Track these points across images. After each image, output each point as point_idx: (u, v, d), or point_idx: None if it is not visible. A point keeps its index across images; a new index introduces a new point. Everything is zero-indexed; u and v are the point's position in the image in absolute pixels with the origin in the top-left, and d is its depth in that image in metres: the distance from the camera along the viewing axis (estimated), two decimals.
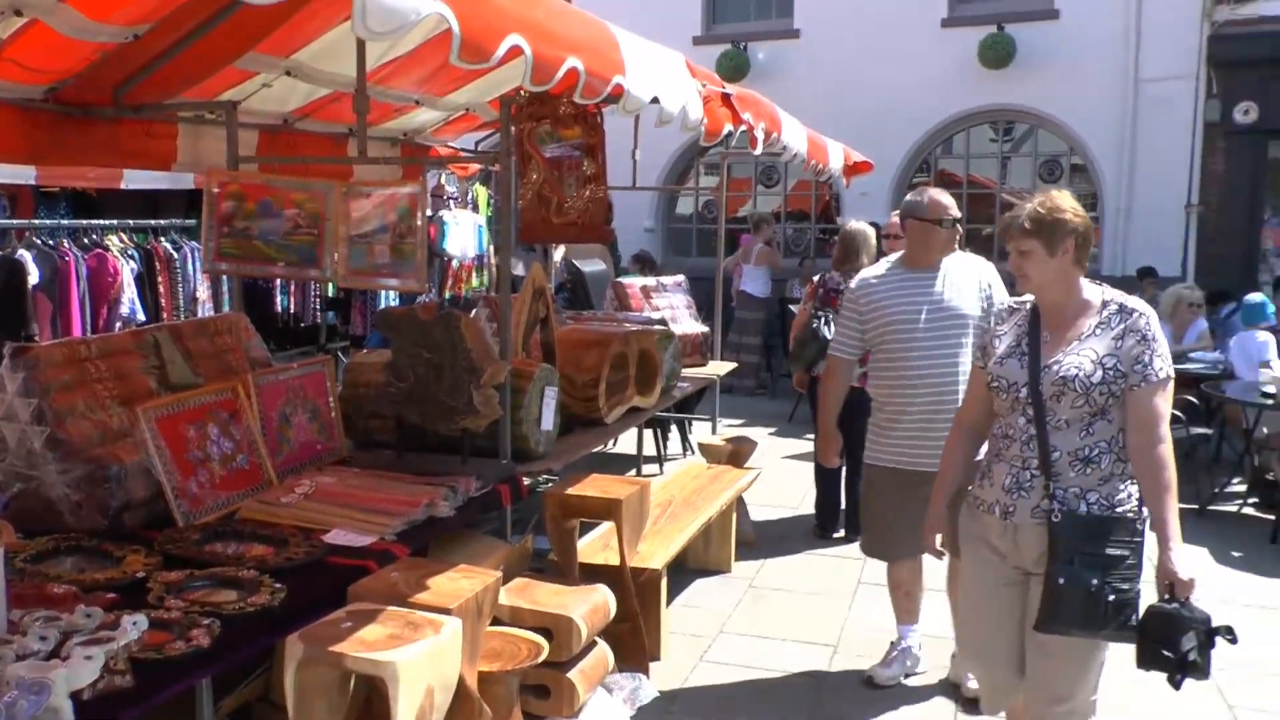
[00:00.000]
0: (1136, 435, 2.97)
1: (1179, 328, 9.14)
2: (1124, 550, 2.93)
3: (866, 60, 13.44)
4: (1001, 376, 3.11)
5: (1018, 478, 3.07)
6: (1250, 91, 12.32)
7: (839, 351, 4.47)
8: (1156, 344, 2.98)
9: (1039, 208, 3.04)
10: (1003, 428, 3.15)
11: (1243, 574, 6.15)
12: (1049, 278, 3.04)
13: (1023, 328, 3.15)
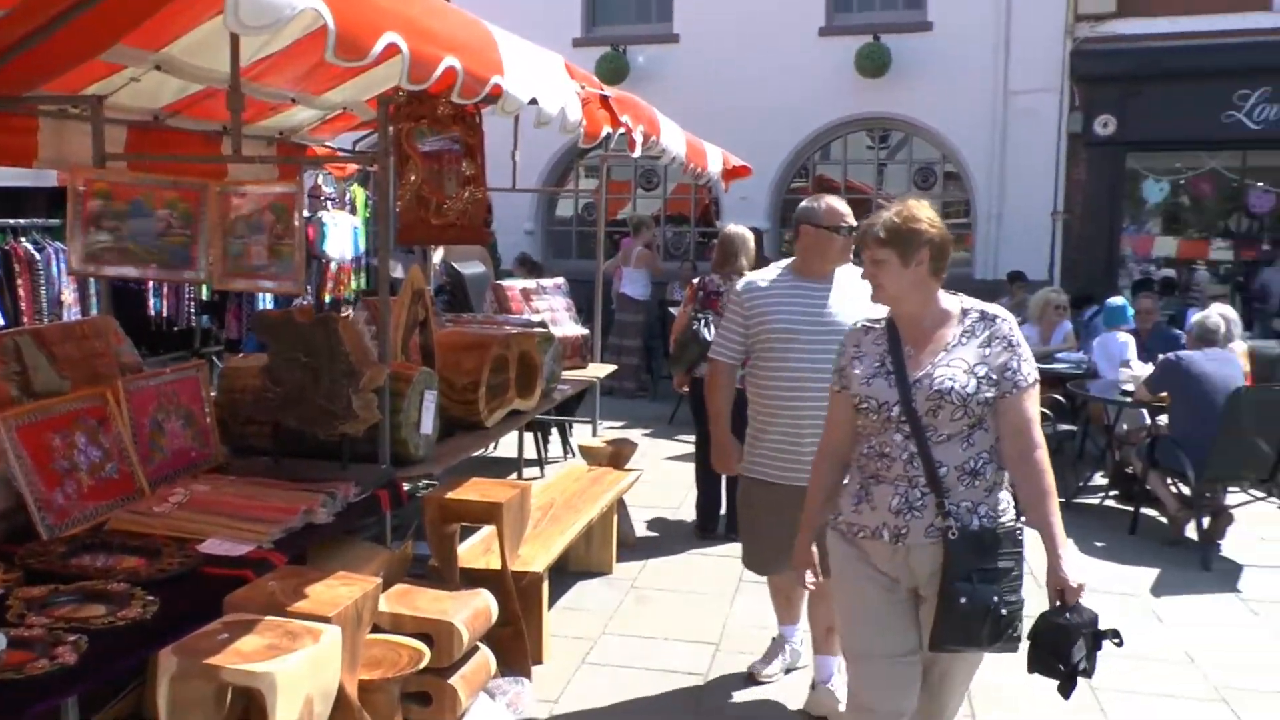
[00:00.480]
0: (1012, 442, 2.91)
1: (1046, 329, 9.48)
2: (1011, 562, 2.88)
3: (746, 66, 13.64)
4: (870, 397, 2.96)
5: (907, 498, 2.92)
6: (1109, 105, 12.88)
7: (720, 355, 4.29)
8: (1021, 349, 2.95)
9: (894, 217, 2.95)
10: (877, 447, 2.99)
11: (1105, 563, 6.41)
12: (904, 288, 2.95)
13: (882, 345, 3.02)
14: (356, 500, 3.85)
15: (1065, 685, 2.84)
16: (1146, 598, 5.85)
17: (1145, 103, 12.72)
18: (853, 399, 3.01)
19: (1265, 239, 13.82)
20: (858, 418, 3.02)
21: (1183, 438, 6.66)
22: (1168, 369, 6.81)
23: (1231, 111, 12.68)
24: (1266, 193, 13.52)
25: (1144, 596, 5.87)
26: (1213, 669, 4.89)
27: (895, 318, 3.03)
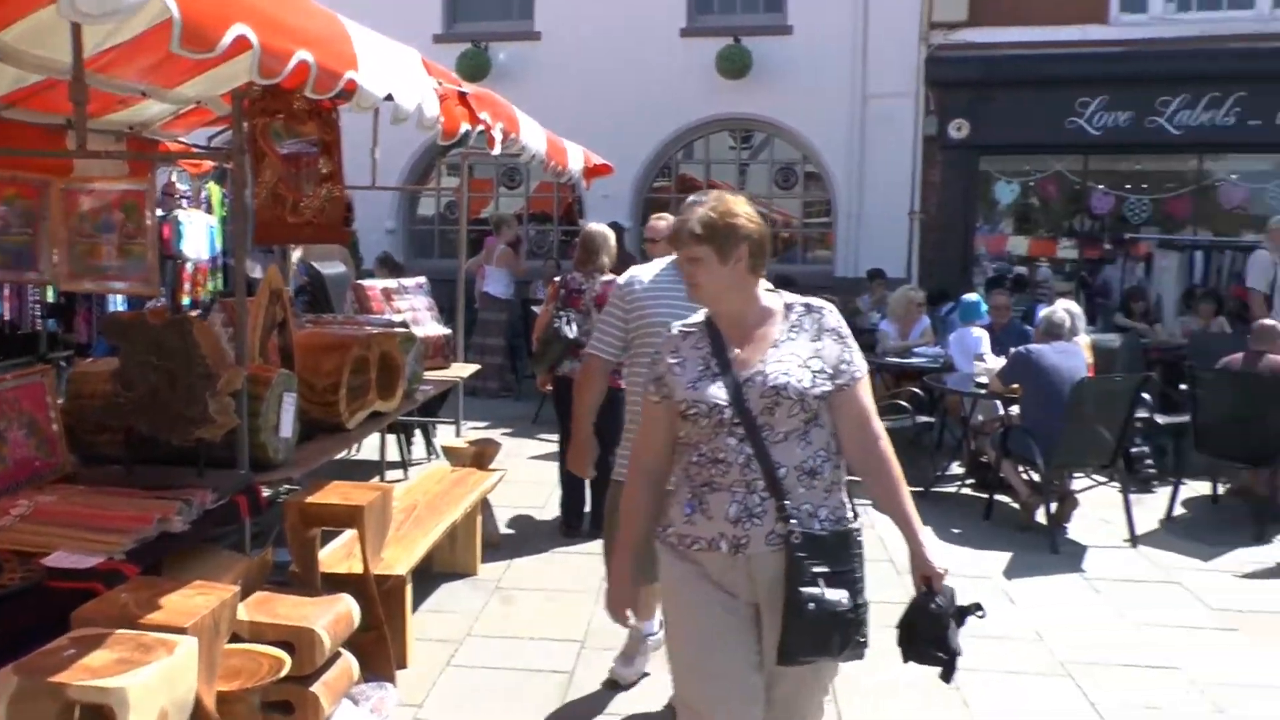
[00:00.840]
0: (856, 435, 2.81)
1: (905, 325, 9.78)
2: (854, 563, 2.75)
3: (608, 65, 13.66)
4: (699, 401, 2.76)
5: (746, 504, 2.73)
6: (962, 110, 13.34)
7: (597, 349, 4.19)
8: (849, 340, 2.86)
9: (710, 212, 2.80)
10: (708, 454, 2.77)
11: (961, 548, 6.64)
12: (722, 287, 2.80)
13: (704, 348, 2.85)
14: (214, 507, 3.74)
15: (947, 671, 2.78)
16: (999, 580, 6.09)
17: (996, 108, 13.20)
18: (679, 406, 2.80)
19: (1106, 238, 14.50)
20: (683, 426, 2.82)
21: (1033, 427, 6.94)
22: (1018, 361, 7.08)
23: (1074, 118, 13.25)
24: (1106, 194, 14.18)
25: (997, 579, 6.11)
26: (1059, 645, 5.12)
27: (715, 318, 2.88)
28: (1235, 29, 13.04)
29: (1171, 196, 14.29)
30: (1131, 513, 6.99)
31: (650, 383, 2.92)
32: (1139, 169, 14.52)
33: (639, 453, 2.98)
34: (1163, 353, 10.62)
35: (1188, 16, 13.22)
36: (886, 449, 2.84)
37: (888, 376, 9.59)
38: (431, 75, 4.35)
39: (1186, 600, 5.85)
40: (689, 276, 2.85)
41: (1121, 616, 5.58)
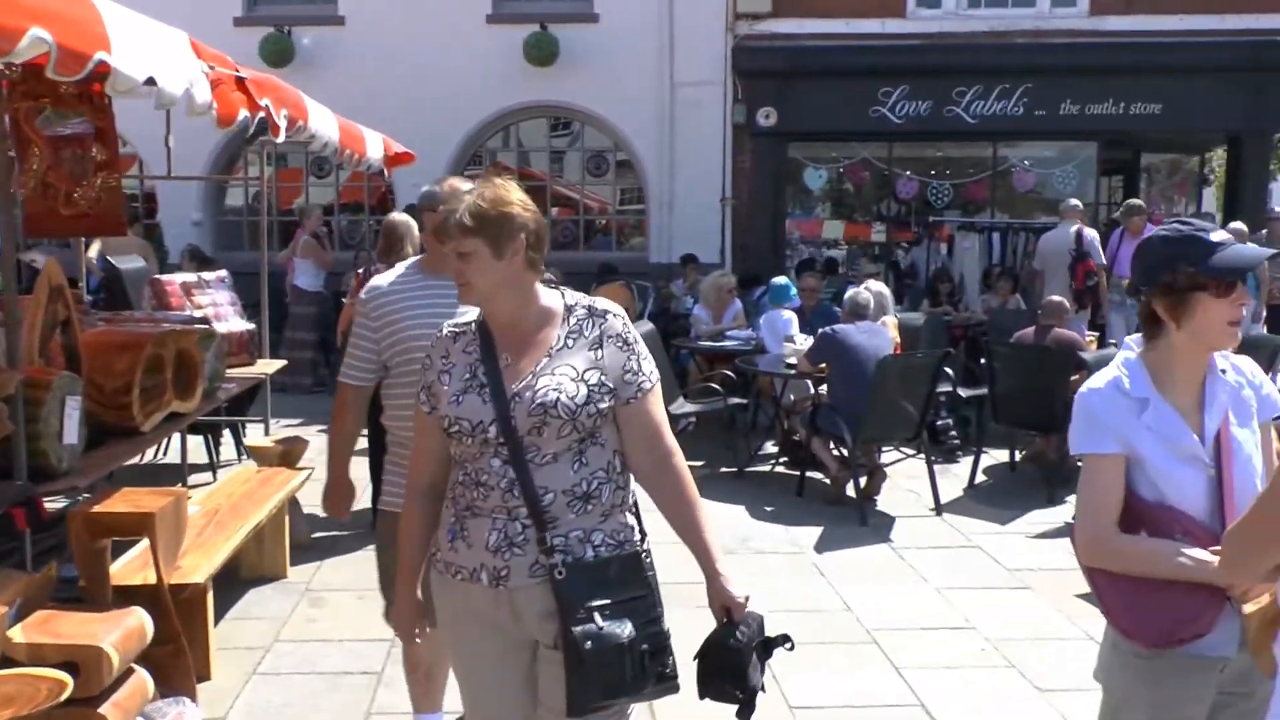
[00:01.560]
0: (645, 453, 2.53)
1: (718, 310, 9.93)
2: (642, 589, 2.45)
3: (414, 51, 13.40)
4: (462, 418, 2.45)
5: (506, 532, 2.43)
6: (770, 98, 13.63)
7: (349, 377, 3.58)
8: (638, 345, 2.54)
9: (480, 200, 2.46)
10: (472, 475, 2.47)
11: (774, 525, 6.80)
12: (497, 284, 2.47)
13: (473, 354, 2.53)
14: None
15: (744, 710, 2.48)
16: (810, 554, 6.25)
17: (802, 97, 13.54)
18: (442, 422, 2.49)
19: (913, 222, 15.09)
20: (451, 443, 2.52)
21: (839, 404, 7.15)
22: (824, 341, 7.28)
23: (877, 107, 13.71)
24: (911, 180, 14.75)
25: (808, 553, 6.27)
26: (866, 614, 5.29)
27: (488, 320, 2.56)
28: (1020, 25, 13.75)
29: (971, 181, 14.99)
30: (936, 483, 7.29)
31: (421, 390, 2.61)
32: (940, 155, 15.18)
33: (415, 470, 2.68)
34: (965, 329, 11.12)
35: (978, 12, 13.86)
36: (679, 466, 2.55)
37: (701, 360, 9.74)
38: (202, 58, 4.10)
39: (985, 563, 6.13)
40: (458, 274, 2.50)
41: (925, 582, 5.81)
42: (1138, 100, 13.75)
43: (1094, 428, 2.40)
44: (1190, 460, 2.35)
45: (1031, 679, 4.61)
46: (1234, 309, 2.32)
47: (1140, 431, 2.35)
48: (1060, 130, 14.10)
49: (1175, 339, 2.37)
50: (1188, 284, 2.30)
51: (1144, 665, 2.38)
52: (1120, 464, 2.36)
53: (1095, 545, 2.38)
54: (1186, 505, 2.34)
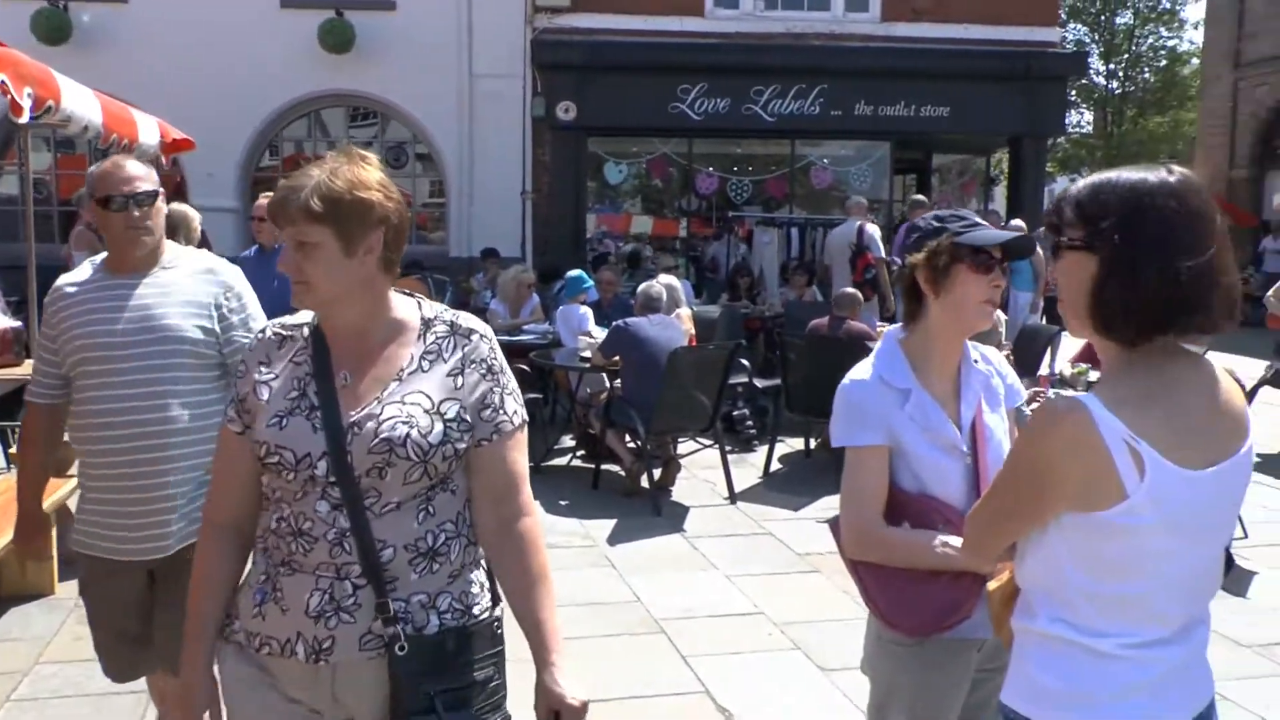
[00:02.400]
0: (495, 509, 2.07)
1: (516, 304, 9.80)
2: (489, 669, 2.05)
3: (203, 34, 12.80)
4: (284, 446, 1.97)
5: (333, 594, 1.96)
6: (569, 92, 13.61)
7: (33, 394, 3.05)
8: (506, 377, 2.10)
9: (333, 179, 1.96)
10: (292, 520, 1.99)
11: (568, 519, 6.71)
12: (343, 287, 1.99)
13: (304, 367, 2.05)
14: None
15: None
16: (603, 547, 6.19)
17: (602, 91, 13.56)
18: (258, 448, 2.01)
19: (713, 217, 15.32)
20: (265, 474, 2.05)
21: (633, 397, 7.12)
22: (617, 334, 7.25)
23: (676, 103, 13.87)
24: (710, 176, 14.96)
25: (601, 546, 6.21)
26: (656, 604, 5.26)
27: (327, 329, 2.08)
28: (816, 28, 14.15)
29: (770, 178, 15.33)
30: (730, 472, 7.35)
31: (231, 405, 2.11)
32: (740, 152, 15.47)
33: (214, 502, 2.17)
34: (763, 322, 11.32)
35: (775, 14, 14.19)
36: (532, 530, 2.09)
37: None
38: None
39: (775, 549, 6.20)
40: (296, 270, 1.98)
41: (715, 570, 5.83)
42: (927, 103, 14.34)
43: (857, 419, 2.37)
44: (949, 449, 2.38)
45: (816, 660, 4.67)
46: (990, 289, 2.36)
47: (903, 422, 2.35)
48: (855, 130, 14.58)
49: (933, 318, 2.39)
50: (949, 254, 2.34)
51: (907, 653, 2.40)
52: (884, 455, 2.36)
53: (860, 537, 2.37)
54: (947, 495, 2.36)
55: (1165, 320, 1.67)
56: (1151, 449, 1.64)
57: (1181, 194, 1.68)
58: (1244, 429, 1.78)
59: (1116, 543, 1.68)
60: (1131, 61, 33.55)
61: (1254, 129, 21.93)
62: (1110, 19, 33.26)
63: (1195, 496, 1.68)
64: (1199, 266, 1.64)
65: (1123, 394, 1.68)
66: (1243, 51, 22.33)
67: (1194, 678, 1.82)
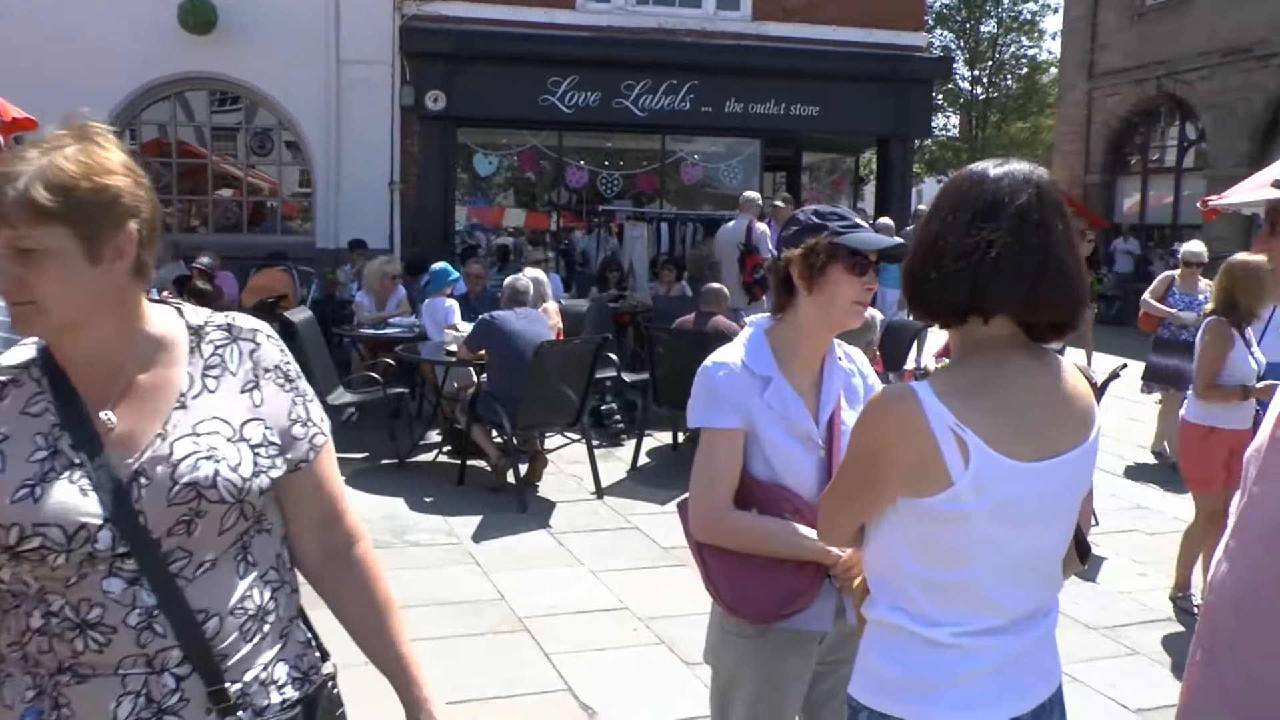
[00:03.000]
0: (321, 539, 1.75)
1: (381, 296, 9.61)
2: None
3: (54, 9, 12.13)
4: (43, 524, 1.48)
5: (149, 695, 1.53)
6: (439, 81, 13.37)
7: None
8: (303, 382, 1.74)
9: (62, 164, 1.51)
10: (70, 613, 1.52)
11: (433, 516, 6.58)
12: (88, 305, 1.55)
13: (45, 417, 1.56)
14: None
15: None
16: (468, 544, 6.09)
17: (472, 81, 13.36)
18: (3, 535, 1.49)
19: (584, 210, 15.26)
20: (11, 566, 1.53)
21: (498, 391, 7.02)
22: (483, 328, 7.14)
23: (547, 96, 13.75)
24: (581, 169, 14.89)
25: (466, 543, 6.10)
26: (520, 602, 5.19)
27: (66, 361, 1.60)
28: (687, 24, 14.21)
29: (641, 173, 15.34)
30: (597, 466, 7.31)
31: None
32: (611, 147, 15.45)
33: None
34: (632, 316, 11.30)
35: (646, 9, 14.19)
36: (369, 556, 1.80)
37: (364, 349, 9.42)
38: None
39: (642, 543, 6.19)
40: (12, 291, 1.52)
41: (581, 565, 5.78)
42: (797, 102, 14.53)
43: (716, 402, 2.36)
44: (804, 440, 2.38)
45: (680, 654, 4.66)
46: (863, 290, 2.37)
47: (761, 409, 2.35)
48: (726, 127, 14.68)
49: (804, 312, 2.38)
50: (826, 252, 2.33)
51: (749, 644, 2.40)
52: (739, 440, 2.35)
53: (709, 521, 2.36)
54: (797, 484, 2.37)
55: (968, 302, 1.71)
56: (977, 438, 1.66)
57: (984, 178, 1.75)
58: (1087, 424, 1.80)
59: (945, 529, 1.71)
60: (995, 68, 34.72)
61: (1106, 137, 22.86)
62: (975, 27, 34.35)
63: (1026, 487, 1.70)
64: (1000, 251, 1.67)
65: (956, 384, 1.71)
66: (1096, 63, 23.25)
67: (1036, 666, 1.84)
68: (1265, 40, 19.05)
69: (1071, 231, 1.75)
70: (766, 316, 2.49)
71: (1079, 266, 1.75)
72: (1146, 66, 21.57)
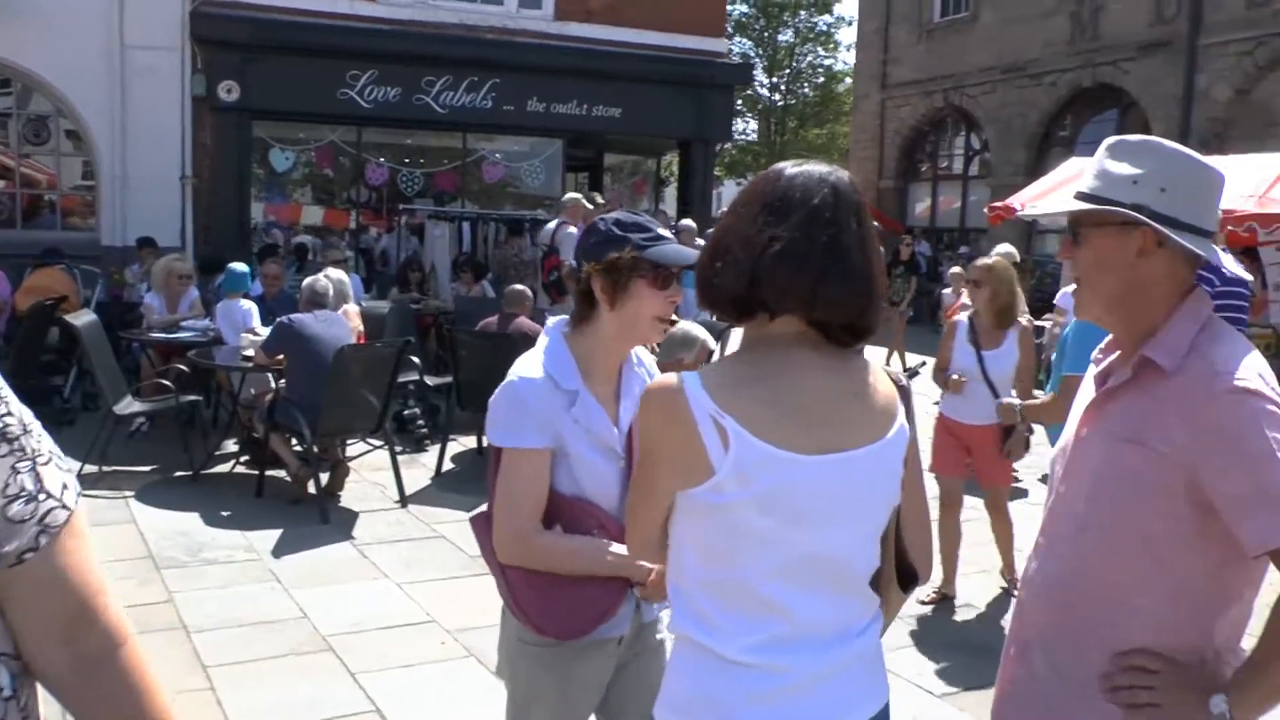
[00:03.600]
0: (68, 645, 1.28)
1: (172, 298, 9.17)
2: None
3: None
4: None
5: None
6: (232, 71, 12.86)
7: None
8: (31, 436, 1.27)
9: None
10: None
11: (230, 531, 6.32)
12: None
13: None
14: None
15: None
16: (268, 560, 5.87)
17: (268, 72, 12.92)
18: None
19: (384, 209, 14.96)
20: None
21: (297, 397, 6.82)
22: (280, 331, 6.92)
23: (346, 90, 13.42)
24: (381, 167, 14.59)
25: (265, 559, 5.89)
26: (322, 620, 5.05)
27: None
28: (489, 21, 14.11)
29: (442, 171, 15.14)
30: (400, 474, 7.19)
31: None
32: (411, 143, 15.19)
33: None
34: (435, 318, 11.15)
35: (447, 4, 14.03)
36: (132, 662, 1.34)
37: (155, 354, 8.96)
38: None
39: (448, 553, 6.12)
40: None
41: (386, 578, 5.67)
42: (599, 103, 14.65)
43: (522, 421, 2.26)
44: (608, 453, 2.34)
45: (491, 666, 4.62)
46: (666, 305, 2.33)
47: (569, 425, 2.28)
48: (527, 126, 14.67)
49: (605, 325, 2.33)
50: (629, 267, 2.27)
51: (549, 654, 2.37)
52: (546, 460, 2.28)
53: (518, 544, 2.29)
54: (602, 498, 2.33)
55: (747, 295, 1.70)
56: (738, 425, 1.63)
57: (779, 175, 1.77)
58: (883, 423, 1.77)
59: (714, 521, 1.69)
60: (793, 76, 35.82)
61: (898, 145, 24.08)
62: (773, 36, 35.33)
63: (799, 479, 1.66)
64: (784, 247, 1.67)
65: (725, 376, 1.71)
66: (888, 75, 24.43)
67: (848, 689, 1.80)
68: (1038, 60, 20.45)
69: (869, 234, 1.74)
70: (565, 321, 2.42)
71: (871, 269, 1.72)
72: (935, 80, 22.86)
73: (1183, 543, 1.83)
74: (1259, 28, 16.96)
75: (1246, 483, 1.72)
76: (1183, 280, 1.93)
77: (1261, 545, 1.70)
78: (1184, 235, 1.86)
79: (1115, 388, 1.95)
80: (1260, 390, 1.76)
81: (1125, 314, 1.96)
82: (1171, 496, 1.81)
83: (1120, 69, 19.08)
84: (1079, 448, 2.02)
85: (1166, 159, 1.92)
